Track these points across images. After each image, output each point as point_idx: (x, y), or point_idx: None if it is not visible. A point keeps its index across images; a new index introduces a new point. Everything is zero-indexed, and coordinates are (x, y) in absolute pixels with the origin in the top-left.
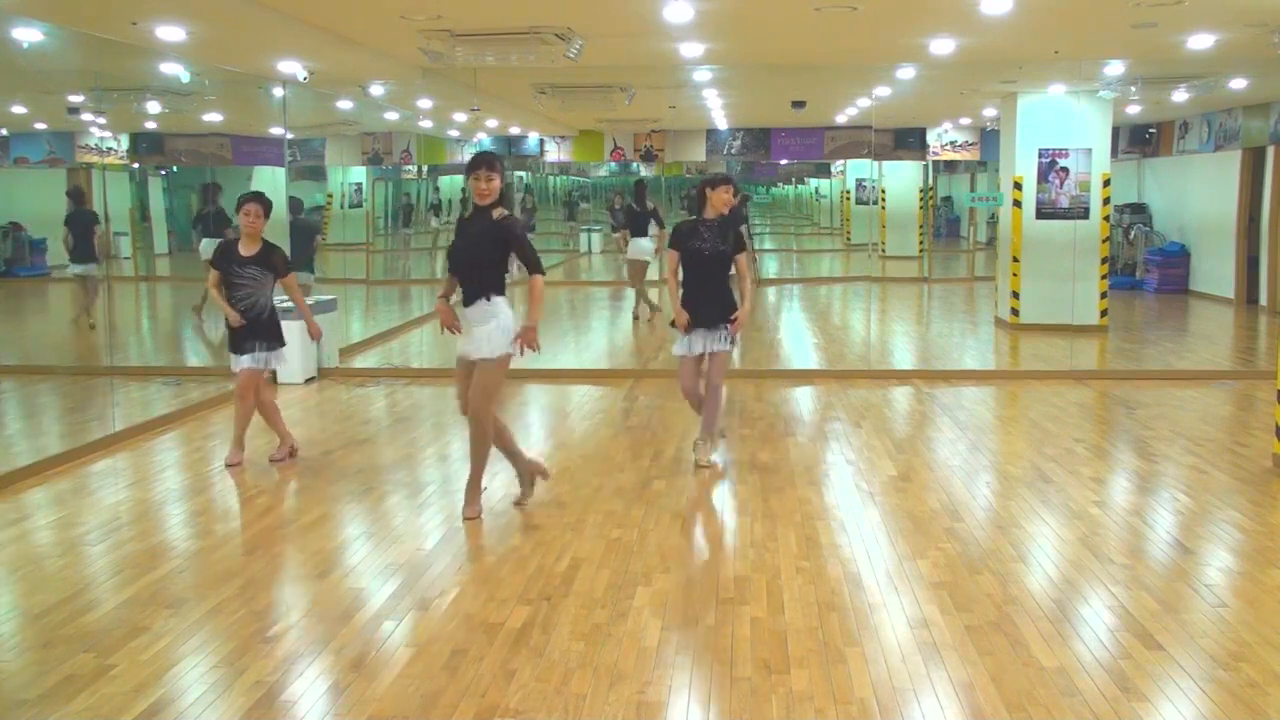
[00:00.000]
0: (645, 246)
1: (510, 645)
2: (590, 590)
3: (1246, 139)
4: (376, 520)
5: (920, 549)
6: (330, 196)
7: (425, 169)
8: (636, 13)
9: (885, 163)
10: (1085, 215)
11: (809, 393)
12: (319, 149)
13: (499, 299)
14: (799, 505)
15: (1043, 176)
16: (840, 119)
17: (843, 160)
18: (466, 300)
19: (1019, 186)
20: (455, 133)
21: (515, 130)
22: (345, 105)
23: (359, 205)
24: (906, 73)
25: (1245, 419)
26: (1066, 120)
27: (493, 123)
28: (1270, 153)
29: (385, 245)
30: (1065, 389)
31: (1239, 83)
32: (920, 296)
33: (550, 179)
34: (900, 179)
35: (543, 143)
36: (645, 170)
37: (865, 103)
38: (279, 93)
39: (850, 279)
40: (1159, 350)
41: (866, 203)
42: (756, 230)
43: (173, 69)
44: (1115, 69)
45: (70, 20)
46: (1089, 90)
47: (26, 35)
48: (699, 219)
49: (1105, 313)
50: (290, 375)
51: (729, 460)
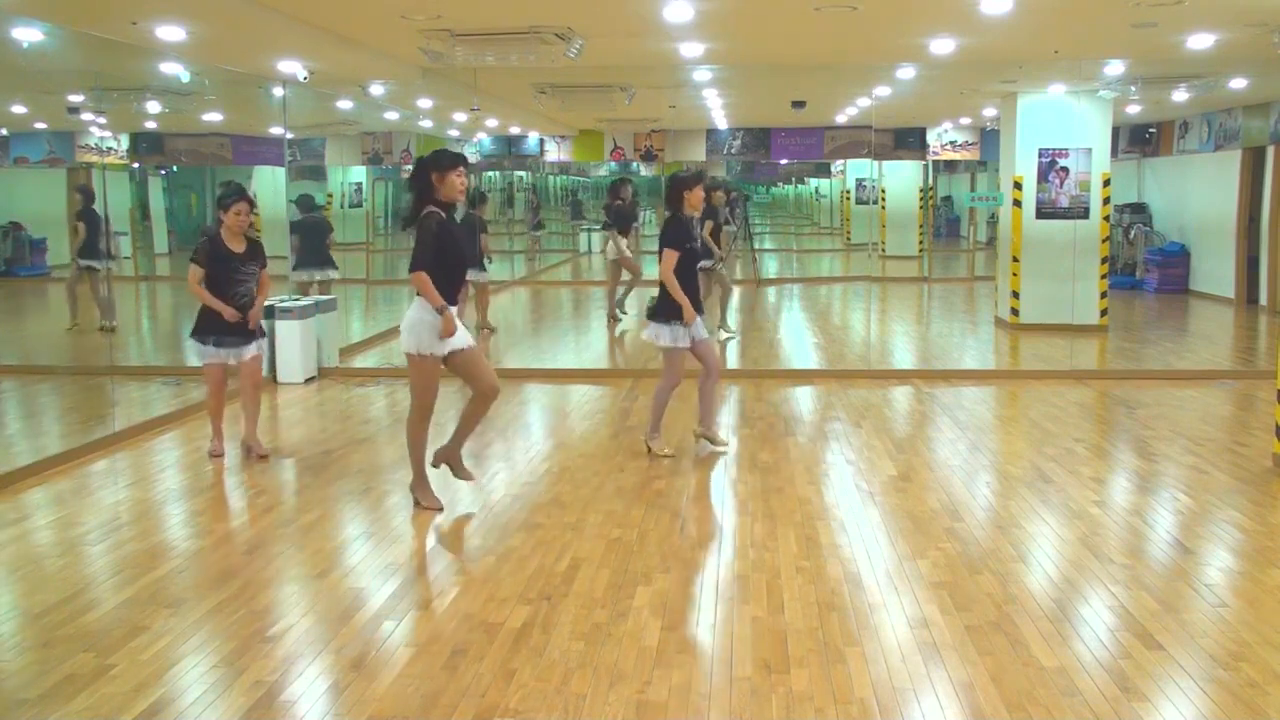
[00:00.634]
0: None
1: (510, 645)
2: (590, 590)
3: (1246, 139)
4: (376, 520)
5: (920, 549)
6: (330, 196)
7: None
8: (636, 13)
9: (885, 162)
10: (1085, 215)
11: (809, 393)
12: (319, 149)
13: None
14: (799, 505)
15: (1043, 176)
16: (840, 119)
17: (843, 160)
18: (455, 299)
19: (1019, 186)
20: (455, 133)
21: (515, 130)
22: (345, 105)
23: (359, 205)
24: (906, 73)
25: (1245, 419)
26: (1066, 120)
27: (493, 123)
28: (1270, 153)
29: (385, 245)
30: (1065, 389)
31: (1239, 83)
32: (920, 296)
33: (550, 179)
34: (900, 179)
35: (543, 142)
36: (645, 170)
37: (865, 102)
38: (279, 93)
39: (850, 279)
40: (1159, 350)
41: (866, 202)
42: (756, 230)
43: (173, 69)
44: (1115, 69)
45: (70, 20)
46: (1089, 90)
47: (26, 35)
48: (690, 218)
49: (1105, 312)
50: (290, 375)
51: (729, 460)
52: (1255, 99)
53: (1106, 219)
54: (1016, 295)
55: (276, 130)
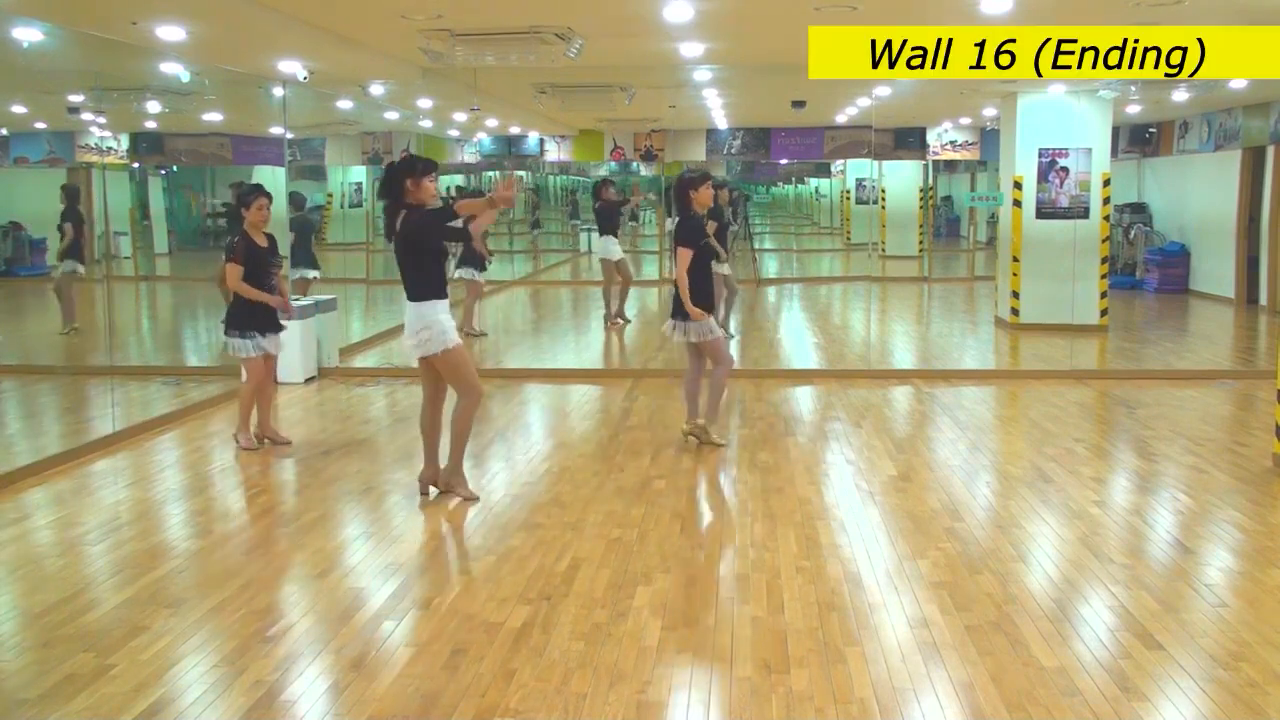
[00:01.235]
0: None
1: (510, 645)
2: (590, 590)
3: (1246, 139)
4: (376, 520)
5: (920, 549)
6: (330, 196)
7: None
8: (636, 13)
9: (885, 162)
10: (1085, 215)
11: (809, 393)
12: (319, 149)
13: None
14: (799, 505)
15: (1043, 176)
16: (840, 119)
17: (843, 160)
18: (445, 292)
19: (1019, 186)
20: (455, 133)
21: (515, 130)
22: (345, 105)
23: (359, 205)
24: None
25: (1245, 419)
26: (1066, 120)
27: (493, 122)
28: (1270, 152)
29: (385, 245)
30: (1065, 389)
31: (1239, 83)
32: (920, 296)
33: (550, 178)
34: (900, 179)
35: (543, 142)
36: (645, 170)
37: (865, 102)
38: (279, 93)
39: (850, 279)
40: (1159, 350)
41: (866, 202)
42: (756, 230)
43: (173, 69)
44: None
45: (70, 20)
46: (1089, 90)
47: (26, 35)
48: (700, 216)
49: (1105, 312)
50: (290, 375)
51: (729, 460)
52: (1255, 99)
53: (1106, 219)
54: (1016, 295)
55: (276, 130)
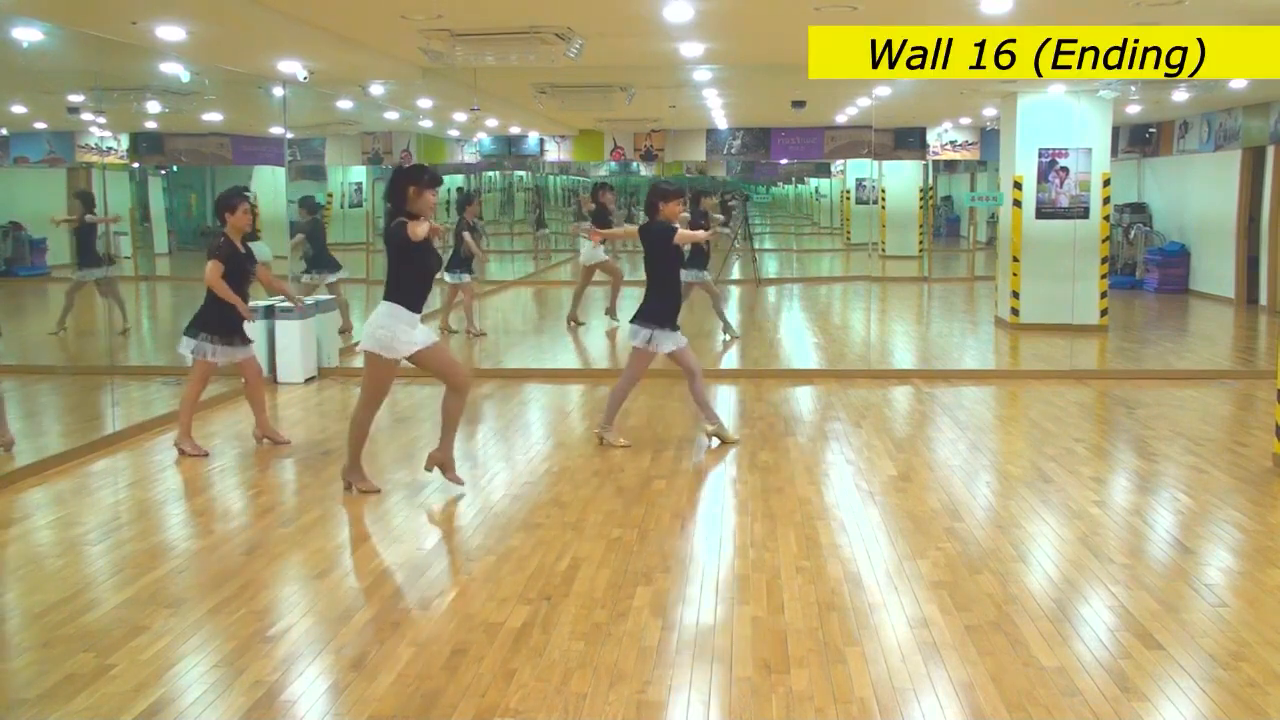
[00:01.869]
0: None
1: (510, 645)
2: (590, 590)
3: (1246, 139)
4: (376, 520)
5: (920, 549)
6: (330, 196)
7: None
8: (636, 13)
9: (885, 162)
10: (1085, 215)
11: (809, 393)
12: (319, 149)
13: None
14: (799, 505)
15: (1043, 176)
16: (840, 119)
17: (843, 160)
18: (421, 306)
19: (1019, 186)
20: (455, 133)
21: (515, 130)
22: (345, 105)
23: (359, 205)
24: None
25: (1245, 419)
26: (1066, 120)
27: (493, 123)
28: (1270, 152)
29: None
30: (1065, 389)
31: (1239, 83)
32: (920, 296)
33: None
34: (900, 179)
35: (543, 142)
36: (645, 170)
37: (865, 102)
38: (279, 93)
39: (850, 279)
40: (1159, 350)
41: (866, 202)
42: (756, 230)
43: (173, 69)
44: None
45: (70, 20)
46: (1089, 90)
47: (26, 35)
48: (666, 225)
49: (1105, 312)
50: (290, 375)
51: (729, 460)
52: (1255, 99)
53: (1106, 219)
54: (1016, 295)
55: (276, 130)
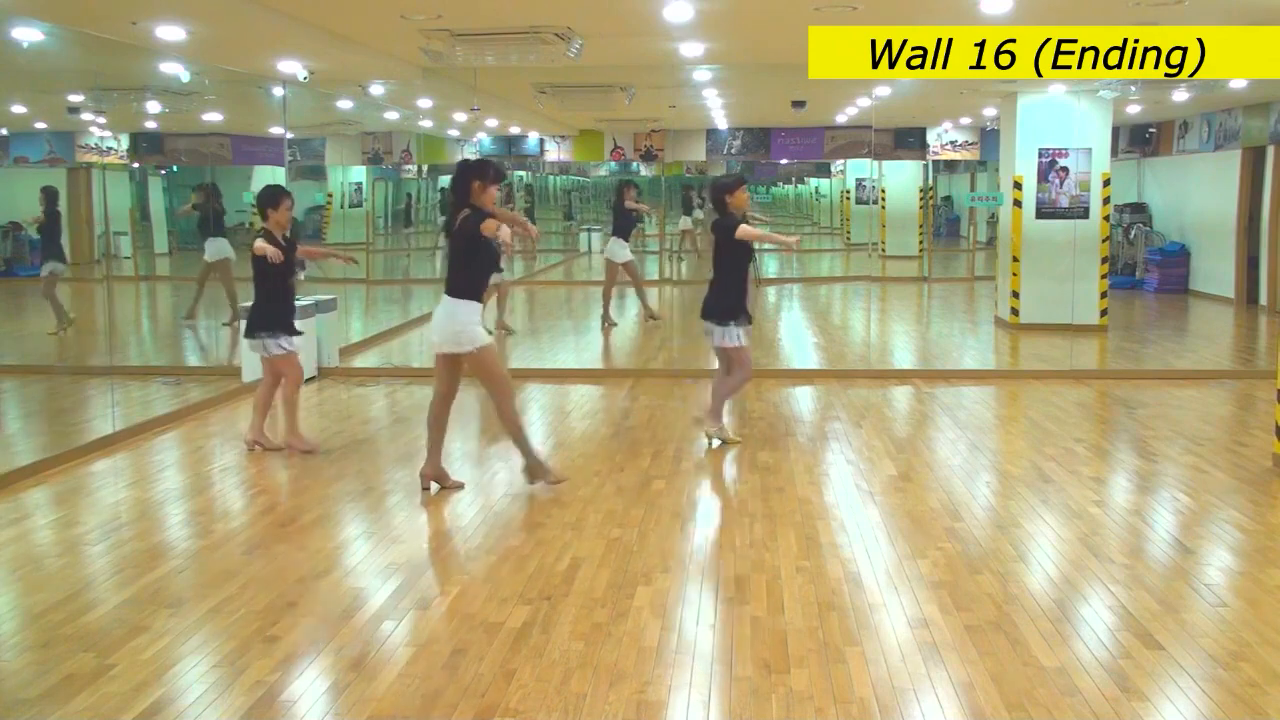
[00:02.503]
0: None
1: (510, 645)
2: (590, 590)
3: (1246, 138)
4: (376, 520)
5: (920, 549)
6: (330, 196)
7: (425, 169)
8: (636, 13)
9: (885, 162)
10: (1085, 215)
11: (809, 393)
12: (319, 149)
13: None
14: (799, 505)
15: (1043, 176)
16: (840, 119)
17: (843, 160)
18: (482, 296)
19: (1019, 186)
20: (455, 133)
21: (515, 130)
22: (345, 105)
23: (359, 205)
24: None
25: (1245, 419)
26: (1066, 120)
27: (493, 123)
28: (1270, 152)
29: (385, 245)
30: (1065, 389)
31: (1239, 83)
32: (920, 296)
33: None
34: (900, 179)
35: (543, 142)
36: (645, 170)
37: (865, 102)
38: (279, 93)
39: (850, 279)
40: (1159, 350)
41: (866, 202)
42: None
43: (173, 69)
44: None
45: (70, 20)
46: (1089, 90)
47: (26, 35)
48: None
49: (1105, 312)
50: None
51: (729, 460)
52: (1255, 99)
53: (1106, 219)
54: (1016, 295)
55: (276, 130)
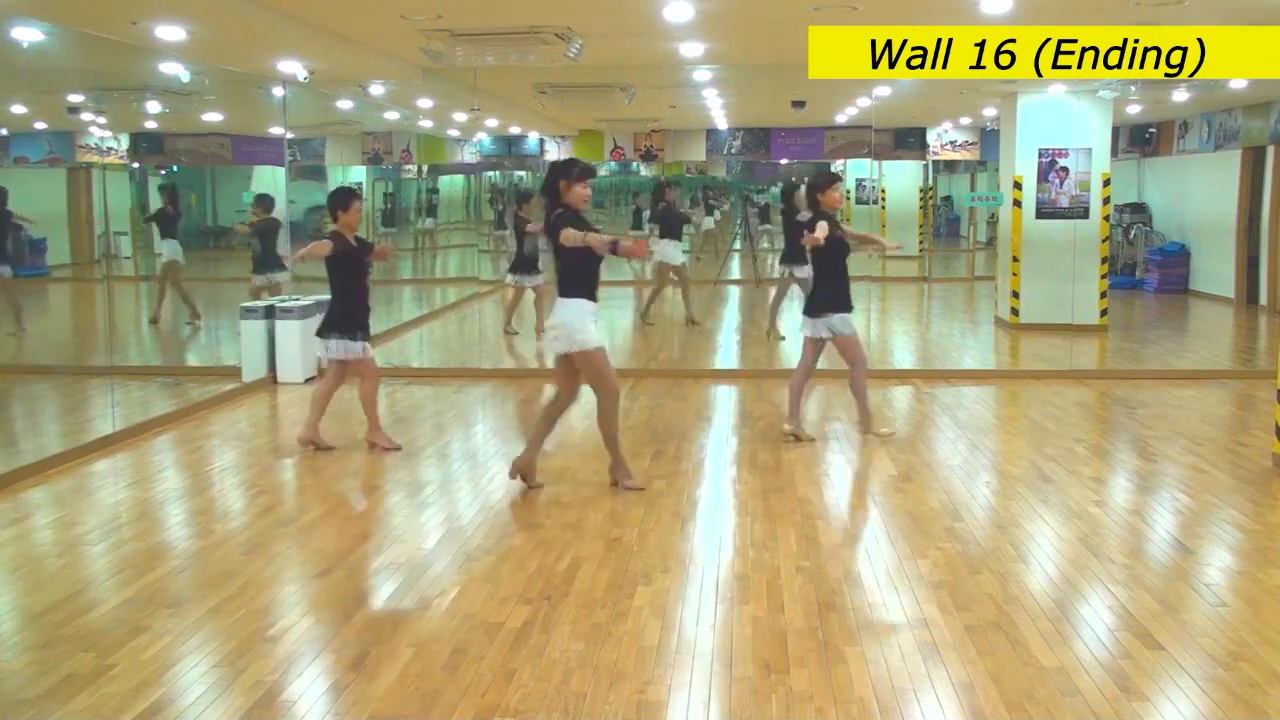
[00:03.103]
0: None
1: (510, 645)
2: (590, 590)
3: (1246, 139)
4: (376, 520)
5: (920, 549)
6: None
7: (425, 169)
8: (636, 13)
9: (885, 162)
10: (1085, 215)
11: (809, 392)
12: (319, 149)
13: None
14: (799, 505)
15: (1043, 176)
16: (840, 119)
17: (843, 160)
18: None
19: (1019, 186)
20: (455, 133)
21: (515, 130)
22: (345, 105)
23: None
24: None
25: (1245, 419)
26: (1066, 120)
27: (493, 123)
28: (1270, 152)
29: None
30: (1065, 389)
31: (1239, 83)
32: (920, 296)
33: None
34: (900, 179)
35: (543, 143)
36: (645, 170)
37: (865, 102)
38: (279, 93)
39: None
40: (1159, 350)
41: (866, 202)
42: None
43: (173, 69)
44: None
45: (70, 20)
46: (1089, 90)
47: (26, 35)
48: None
49: (1105, 312)
50: (290, 375)
51: (729, 460)
52: (1255, 99)
53: (1106, 219)
54: (1016, 295)
55: (276, 130)
